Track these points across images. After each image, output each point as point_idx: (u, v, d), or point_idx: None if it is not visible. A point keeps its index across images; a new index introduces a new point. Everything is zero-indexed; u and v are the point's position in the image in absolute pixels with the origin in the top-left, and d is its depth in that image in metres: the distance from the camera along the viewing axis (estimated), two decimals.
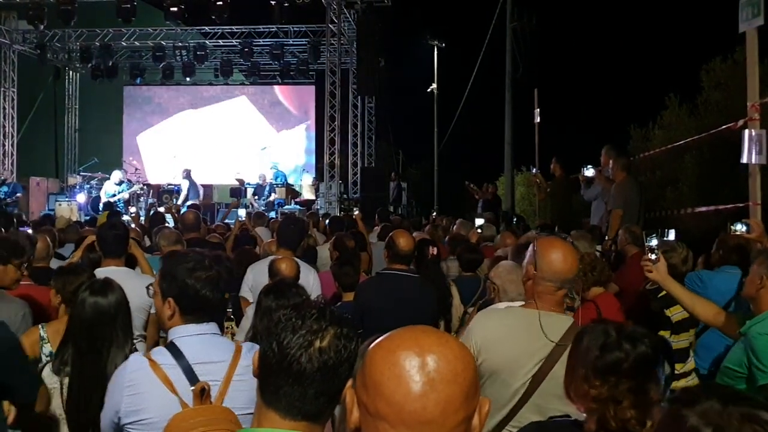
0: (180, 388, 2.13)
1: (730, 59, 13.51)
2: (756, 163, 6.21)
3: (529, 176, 18.51)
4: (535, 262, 2.67)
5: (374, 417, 1.18)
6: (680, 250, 4.51)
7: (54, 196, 17.20)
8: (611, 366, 1.93)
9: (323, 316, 1.52)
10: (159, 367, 2.16)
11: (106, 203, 14.35)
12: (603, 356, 1.95)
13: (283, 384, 1.47)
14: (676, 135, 13.45)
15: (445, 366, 1.16)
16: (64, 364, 2.90)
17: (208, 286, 2.28)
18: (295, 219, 5.59)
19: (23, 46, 19.47)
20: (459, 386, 1.16)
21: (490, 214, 11.91)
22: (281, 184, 16.54)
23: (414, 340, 1.20)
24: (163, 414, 2.06)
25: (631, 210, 7.45)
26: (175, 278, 2.30)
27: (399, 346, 1.19)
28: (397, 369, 1.17)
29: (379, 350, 1.22)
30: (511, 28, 17.58)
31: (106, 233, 4.21)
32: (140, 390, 2.14)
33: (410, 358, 1.17)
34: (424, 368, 1.16)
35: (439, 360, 1.17)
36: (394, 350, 1.19)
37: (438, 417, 1.15)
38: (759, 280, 3.09)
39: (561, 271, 2.63)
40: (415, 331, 1.23)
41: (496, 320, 2.74)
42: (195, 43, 19.35)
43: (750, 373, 2.99)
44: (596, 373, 1.95)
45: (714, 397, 1.27)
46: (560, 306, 2.69)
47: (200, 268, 2.30)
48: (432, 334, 1.23)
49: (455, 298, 5.07)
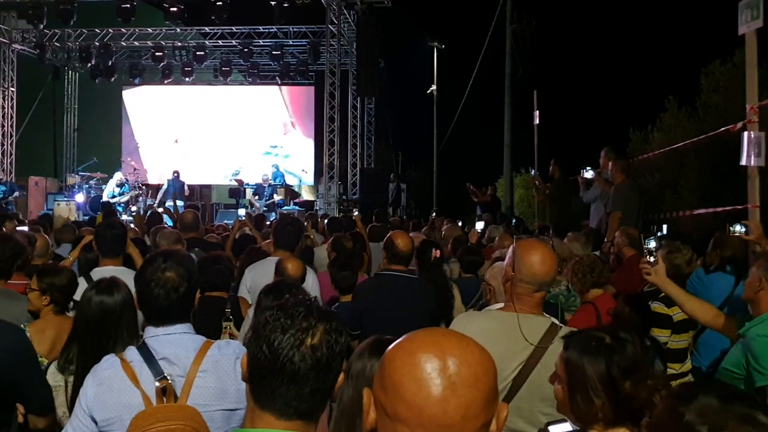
0: (145, 383, 2.15)
1: (730, 62, 13.54)
2: (755, 166, 6.21)
3: (528, 178, 18.52)
4: (513, 264, 2.66)
5: (392, 419, 1.16)
6: (685, 252, 4.51)
7: (53, 196, 17.21)
8: (609, 378, 1.95)
9: (311, 313, 1.51)
10: (128, 365, 2.19)
11: (105, 203, 14.34)
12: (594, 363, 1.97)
13: (279, 385, 1.46)
14: (676, 137, 13.47)
15: (466, 370, 1.14)
16: (69, 362, 2.90)
17: (163, 293, 2.26)
18: (291, 220, 5.57)
19: (22, 45, 19.47)
20: (480, 391, 1.14)
21: (488, 215, 11.92)
22: (280, 185, 16.55)
23: (434, 342, 1.18)
24: (129, 412, 2.08)
25: (630, 212, 7.44)
26: (136, 284, 2.33)
27: (419, 348, 1.17)
28: (418, 371, 1.14)
29: (399, 351, 1.19)
30: (510, 29, 17.60)
31: (104, 233, 4.20)
32: (110, 388, 2.16)
33: (431, 361, 1.15)
34: (445, 371, 1.14)
35: (460, 363, 1.15)
36: (415, 352, 1.16)
37: (458, 422, 1.12)
38: (758, 283, 3.09)
39: (539, 274, 2.61)
40: (435, 333, 1.21)
41: (475, 324, 2.70)
42: (194, 44, 19.35)
43: (748, 374, 2.99)
44: (598, 390, 1.97)
45: (713, 395, 1.26)
46: (538, 307, 2.67)
47: (153, 276, 2.28)
48: (453, 336, 1.21)
49: (457, 300, 5.06)
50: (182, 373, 2.19)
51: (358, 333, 4.23)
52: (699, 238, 7.86)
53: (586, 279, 4.38)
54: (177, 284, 2.27)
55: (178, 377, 2.18)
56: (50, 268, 3.67)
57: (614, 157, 8.04)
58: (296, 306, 1.52)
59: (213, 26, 18.32)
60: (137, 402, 2.12)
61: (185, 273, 2.31)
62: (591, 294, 4.41)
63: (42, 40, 18.86)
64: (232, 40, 19.28)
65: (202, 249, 6.03)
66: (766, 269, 3.09)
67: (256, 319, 3.15)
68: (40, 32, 18.29)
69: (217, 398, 2.18)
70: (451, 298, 4.99)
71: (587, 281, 4.39)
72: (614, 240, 6.36)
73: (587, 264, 4.39)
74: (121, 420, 2.11)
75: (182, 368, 2.20)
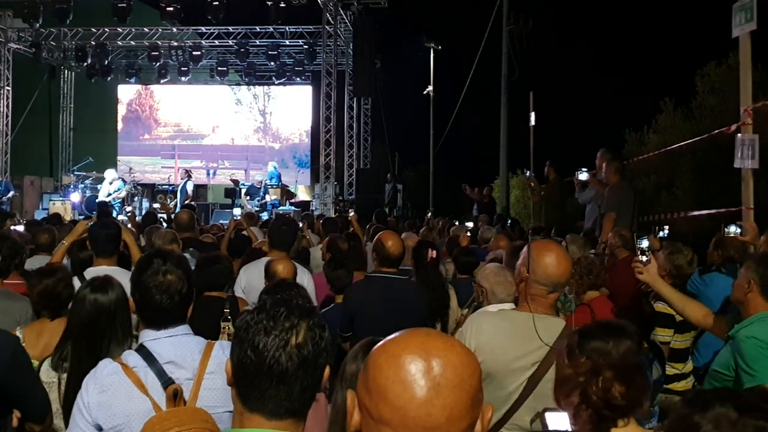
0: (153, 390, 2.13)
1: (725, 64, 13.57)
2: (749, 168, 6.23)
3: (524, 179, 18.53)
4: (528, 265, 2.66)
5: (377, 421, 1.15)
6: (686, 252, 4.52)
7: (48, 195, 17.20)
8: (594, 348, 1.96)
9: (292, 312, 1.51)
10: (132, 371, 2.15)
11: (101, 203, 14.30)
12: (584, 342, 1.99)
13: (268, 387, 1.46)
14: (671, 139, 13.49)
15: (451, 372, 1.13)
16: (63, 360, 2.91)
17: (166, 297, 2.24)
18: (287, 220, 5.57)
19: (18, 44, 19.41)
20: (465, 392, 1.14)
21: (485, 216, 11.93)
22: (276, 185, 16.53)
23: (419, 343, 1.16)
24: (138, 418, 2.05)
25: (625, 214, 7.46)
26: (133, 286, 2.31)
27: (404, 350, 1.15)
28: (402, 373, 1.13)
29: (383, 353, 1.18)
30: (507, 31, 17.59)
31: (98, 232, 4.19)
32: (116, 395, 2.12)
33: (415, 362, 1.13)
34: (429, 373, 1.13)
35: (445, 365, 1.13)
36: (399, 354, 1.15)
37: (443, 423, 1.11)
38: (747, 285, 3.10)
39: (554, 275, 2.62)
40: (420, 334, 1.19)
41: (490, 323, 2.72)
42: (191, 43, 19.32)
43: (737, 376, 3.00)
44: (580, 352, 1.97)
45: (729, 404, 1.25)
46: (552, 309, 2.69)
47: (154, 280, 2.25)
48: (437, 337, 1.19)
49: (453, 300, 5.06)
50: (191, 376, 2.17)
51: (349, 335, 4.23)
52: (695, 240, 7.88)
53: (583, 281, 4.39)
54: (179, 286, 2.26)
55: (186, 380, 2.16)
56: (47, 270, 3.62)
57: (609, 158, 8.06)
58: (276, 306, 1.51)
59: (209, 26, 18.29)
60: (146, 408, 2.09)
61: (184, 274, 2.30)
62: (587, 296, 4.42)
63: (38, 39, 18.81)
64: (228, 40, 19.26)
65: (198, 249, 6.03)
66: (754, 271, 3.10)
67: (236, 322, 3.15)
68: (36, 31, 18.24)
69: (225, 399, 2.14)
70: (448, 299, 4.99)
71: (584, 283, 4.40)
72: (608, 241, 6.37)
73: (585, 266, 4.40)
74: (129, 427, 2.08)
75: (191, 370, 2.18)
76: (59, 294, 3.40)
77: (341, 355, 4.05)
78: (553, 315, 2.69)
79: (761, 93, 8.09)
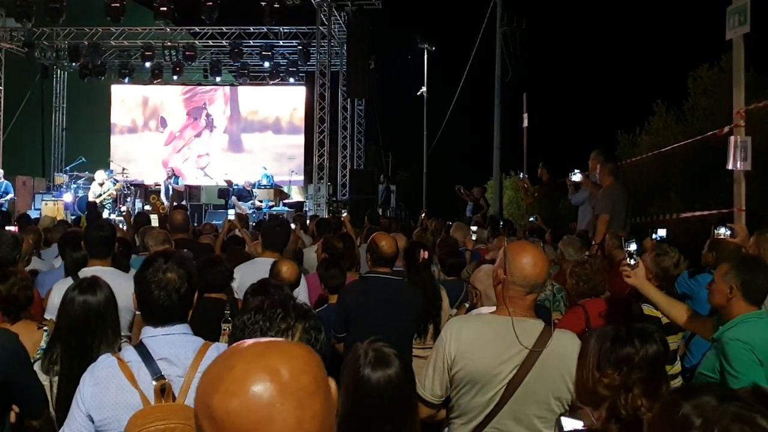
0: (144, 384, 2.16)
1: (717, 66, 13.65)
2: (741, 170, 6.26)
3: (517, 180, 18.58)
4: (505, 266, 2.63)
5: None
6: (672, 254, 4.53)
7: (40, 195, 17.09)
8: (624, 358, 2.01)
9: (289, 313, 1.51)
10: (126, 365, 2.20)
11: (91, 203, 14.24)
12: (615, 348, 2.03)
13: None
14: (664, 141, 13.56)
15: (304, 379, 1.08)
16: (53, 363, 2.90)
17: (164, 294, 2.26)
18: (280, 221, 5.57)
19: (11, 44, 19.30)
20: (319, 397, 1.09)
21: (480, 217, 11.96)
22: (269, 186, 16.50)
23: (261, 365, 1.07)
24: (126, 411, 2.09)
25: (618, 215, 7.48)
26: (136, 285, 2.33)
27: (247, 374, 1.05)
28: (252, 398, 1.03)
29: (225, 380, 1.06)
30: (501, 32, 17.64)
31: (92, 234, 4.19)
32: (108, 387, 2.17)
33: (263, 383, 1.04)
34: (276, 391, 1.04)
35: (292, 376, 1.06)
36: (245, 379, 1.05)
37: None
38: (729, 290, 3.12)
39: (531, 276, 2.59)
40: (256, 353, 1.09)
41: (469, 328, 2.68)
42: (184, 43, 19.25)
43: (722, 378, 3.02)
44: (609, 363, 2.02)
45: (711, 394, 1.31)
46: (530, 310, 2.66)
47: (154, 277, 2.28)
48: (275, 350, 1.10)
49: (444, 301, 5.05)
50: (182, 374, 2.20)
51: (343, 336, 4.23)
52: (686, 241, 7.91)
53: (578, 287, 4.39)
54: (178, 285, 2.28)
55: (177, 377, 2.18)
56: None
57: (602, 159, 8.08)
58: (273, 308, 1.52)
59: (203, 26, 18.24)
60: (135, 401, 2.13)
61: (185, 274, 2.32)
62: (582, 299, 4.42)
63: (30, 39, 18.71)
64: (222, 40, 19.22)
65: (191, 251, 6.00)
66: (735, 277, 3.12)
67: (233, 322, 3.15)
68: (28, 31, 18.14)
69: None
70: (440, 300, 4.99)
71: (579, 288, 4.40)
72: (603, 243, 6.39)
73: (584, 274, 4.38)
74: (118, 419, 2.11)
75: (182, 368, 2.20)
76: (15, 297, 3.31)
77: (335, 355, 4.05)
78: (532, 317, 2.66)
79: (753, 95, 8.14)
